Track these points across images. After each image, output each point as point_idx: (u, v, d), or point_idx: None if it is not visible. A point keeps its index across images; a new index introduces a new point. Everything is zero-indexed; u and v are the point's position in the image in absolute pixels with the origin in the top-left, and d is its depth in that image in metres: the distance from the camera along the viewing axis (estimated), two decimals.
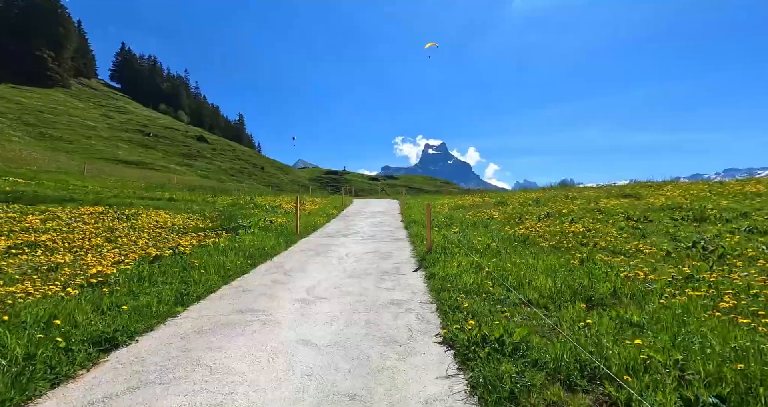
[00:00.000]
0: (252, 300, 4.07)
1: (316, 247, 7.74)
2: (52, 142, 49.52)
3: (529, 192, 17.06)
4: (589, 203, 11.31)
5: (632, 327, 3.12)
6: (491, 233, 8.23)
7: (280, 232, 8.64)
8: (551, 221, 9.27)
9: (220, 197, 18.86)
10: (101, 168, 37.74)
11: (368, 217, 13.90)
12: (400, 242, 8.43)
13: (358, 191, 67.31)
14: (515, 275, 4.73)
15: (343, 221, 12.58)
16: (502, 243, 7.07)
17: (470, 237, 7.68)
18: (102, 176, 29.22)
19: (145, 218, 9.58)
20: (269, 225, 9.31)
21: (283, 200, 18.98)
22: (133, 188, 19.16)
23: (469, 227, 9.12)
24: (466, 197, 17.83)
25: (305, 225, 10.37)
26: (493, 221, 9.88)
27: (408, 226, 10.73)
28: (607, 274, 4.75)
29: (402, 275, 5.36)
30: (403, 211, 14.88)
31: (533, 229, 8.34)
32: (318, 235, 9.46)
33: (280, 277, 5.17)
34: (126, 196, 15.68)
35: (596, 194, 12.94)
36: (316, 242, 8.29)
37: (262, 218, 10.18)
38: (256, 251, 6.22)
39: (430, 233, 6.45)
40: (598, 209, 9.98)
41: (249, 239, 6.90)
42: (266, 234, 8.00)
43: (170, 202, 15.77)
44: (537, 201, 13.10)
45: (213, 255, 5.47)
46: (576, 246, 6.83)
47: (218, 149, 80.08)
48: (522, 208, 11.97)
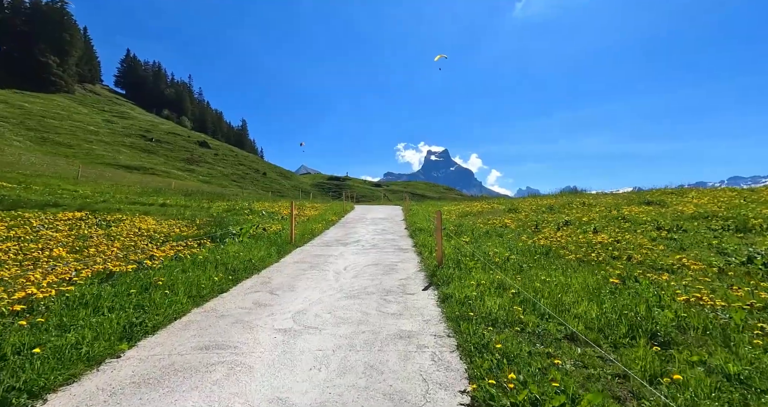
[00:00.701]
0: (223, 331, 3.24)
1: (311, 258, 6.91)
2: (53, 146, 49.28)
3: (540, 198, 16.20)
4: (609, 210, 10.44)
5: (731, 383, 2.27)
6: (507, 243, 7.38)
7: (273, 241, 7.82)
8: (571, 230, 8.41)
9: (216, 203, 18.13)
10: (101, 173, 37.26)
11: (370, 224, 13.08)
12: (405, 252, 7.59)
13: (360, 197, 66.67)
14: (549, 298, 3.88)
15: (342, 229, 11.77)
16: (522, 256, 6.21)
17: (485, 248, 6.83)
18: (99, 180, 28.64)
19: (128, 224, 8.81)
20: (261, 233, 8.50)
21: (282, 206, 18.21)
22: (126, 193, 18.47)
23: (482, 237, 8.27)
24: (473, 204, 16.98)
25: (302, 233, 9.56)
26: (507, 230, 9.03)
27: (413, 234, 9.90)
28: (661, 298, 3.89)
29: (409, 295, 4.51)
30: (407, 218, 14.06)
31: (553, 239, 7.48)
32: (315, 244, 8.64)
33: (265, 297, 4.34)
34: (117, 201, 14.96)
35: (615, 201, 12.07)
36: (311, 253, 7.46)
37: (256, 225, 9.38)
38: (240, 264, 5.40)
39: (441, 243, 5.60)
40: (622, 217, 9.11)
41: (235, 250, 6.08)
42: (256, 243, 7.19)
43: (162, 207, 15.04)
44: (551, 208, 12.24)
45: (188, 270, 4.64)
46: (607, 260, 5.97)
47: (220, 155, 79.91)
48: (536, 215, 11.12)
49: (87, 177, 29.45)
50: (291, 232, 8.34)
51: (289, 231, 8.38)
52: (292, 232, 8.34)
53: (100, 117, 72.83)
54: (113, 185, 22.15)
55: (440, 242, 5.56)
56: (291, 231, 8.35)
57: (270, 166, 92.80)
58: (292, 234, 8.34)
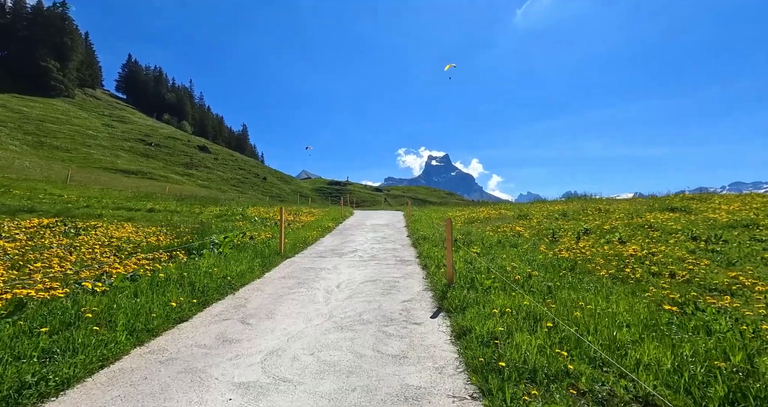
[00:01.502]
0: (160, 388, 2.35)
1: (300, 273, 6.02)
2: (50, 151, 48.71)
3: (549, 204, 15.31)
4: (630, 217, 9.55)
5: None
6: (524, 255, 6.48)
7: (259, 251, 6.95)
8: (593, 239, 7.52)
9: (209, 208, 17.29)
10: (96, 177, 36.56)
11: (369, 231, 12.20)
12: (408, 265, 6.71)
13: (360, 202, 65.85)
14: (597, 334, 2.99)
15: (339, 237, 10.89)
16: (545, 272, 5.32)
17: (500, 261, 5.93)
18: (91, 184, 27.87)
19: (101, 232, 7.96)
20: (247, 243, 7.63)
21: (277, 212, 17.36)
22: (115, 198, 17.66)
23: (494, 247, 7.38)
24: (479, 209, 16.09)
25: (293, 242, 8.69)
26: (521, 239, 8.13)
27: (416, 243, 9.01)
28: (742, 335, 3.00)
29: (415, 325, 3.62)
30: (409, 225, 13.17)
31: (576, 251, 6.59)
32: (307, 255, 7.76)
33: (234, 329, 3.46)
34: (101, 206, 14.14)
35: (634, 207, 11.18)
36: (301, 265, 6.58)
37: (242, 234, 8.51)
38: (212, 283, 4.52)
39: (452, 258, 4.70)
40: (648, 225, 8.22)
41: (209, 264, 5.20)
42: (239, 255, 6.31)
43: (149, 213, 14.20)
44: (564, 214, 11.35)
45: (142, 293, 3.77)
46: (646, 277, 5.07)
47: (220, 159, 79.41)
48: (549, 222, 10.23)
49: (79, 181, 28.71)
50: (280, 241, 7.46)
51: (279, 240, 7.50)
52: (281, 241, 7.46)
53: (99, 121, 72.48)
54: (103, 190, 21.35)
55: (450, 257, 4.67)
56: (281, 240, 7.47)
57: (270, 170, 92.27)
58: (282, 244, 7.46)
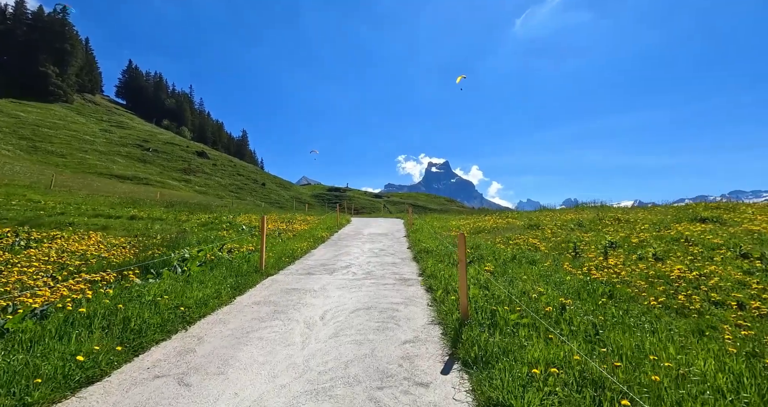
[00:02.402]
0: None
1: (279, 296, 4.99)
2: (44, 156, 47.91)
3: (560, 212, 14.32)
4: (657, 228, 8.54)
5: None
6: (548, 275, 5.46)
7: (235, 269, 5.93)
8: (624, 255, 6.51)
9: (197, 215, 16.29)
10: (88, 182, 35.64)
11: (366, 241, 11.18)
12: (410, 285, 5.68)
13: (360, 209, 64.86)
14: None
15: (333, 248, 9.86)
16: (578, 299, 4.30)
17: (521, 284, 4.91)
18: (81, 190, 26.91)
19: (58, 244, 6.95)
20: (223, 257, 6.60)
21: (270, 218, 16.35)
22: (98, 204, 16.67)
23: (509, 264, 6.35)
24: (484, 218, 15.07)
25: (279, 255, 7.66)
26: (537, 254, 7.11)
27: (418, 257, 7.99)
28: None
29: (422, 387, 2.58)
30: (410, 234, 12.15)
31: (609, 270, 5.57)
32: (293, 271, 6.73)
33: (162, 396, 2.43)
34: (78, 213, 13.15)
35: (657, 217, 10.17)
36: (283, 286, 5.55)
37: (220, 246, 7.50)
38: (156, 318, 3.49)
39: (466, 285, 3.67)
40: (683, 238, 7.20)
41: (160, 290, 4.16)
42: (207, 274, 5.29)
43: (130, 220, 13.20)
44: (580, 224, 10.34)
45: (42, 339, 2.75)
46: (707, 307, 4.05)
47: (219, 165, 78.70)
48: (566, 234, 9.22)
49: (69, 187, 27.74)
50: (261, 256, 6.43)
51: (260, 254, 6.47)
52: (262, 256, 6.43)
53: (97, 127, 71.90)
54: (89, 196, 20.37)
55: (465, 284, 3.63)
56: (261, 255, 6.44)
57: (269, 176, 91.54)
58: (263, 259, 6.42)
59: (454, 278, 5.38)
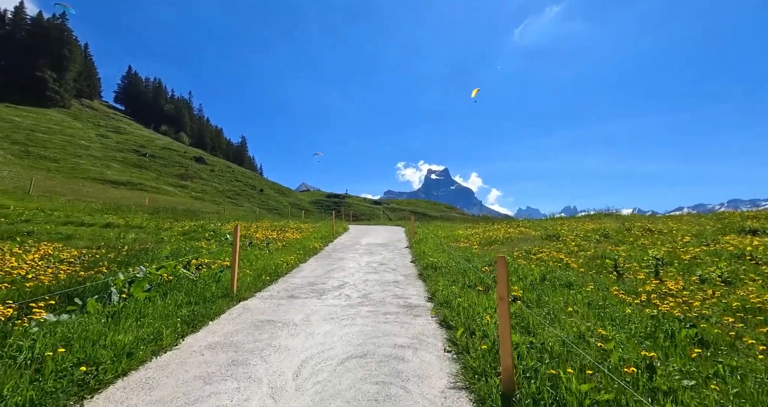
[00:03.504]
0: None
1: (245, 335, 3.76)
2: (36, 160, 46.76)
3: (576, 220, 13.11)
4: (703, 241, 7.33)
5: None
6: (595, 305, 4.23)
7: (198, 292, 4.70)
8: (676, 274, 5.30)
9: (181, 222, 15.06)
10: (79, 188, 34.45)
11: (364, 254, 9.94)
12: (418, 316, 4.44)
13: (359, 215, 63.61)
14: None
15: (325, 262, 8.62)
16: (655, 345, 3.08)
17: (566, 319, 3.68)
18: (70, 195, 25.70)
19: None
20: (187, 276, 5.36)
21: (260, 227, 15.12)
22: (77, 210, 15.45)
23: (541, 287, 5.11)
24: (494, 227, 13.84)
25: (259, 272, 6.42)
26: (570, 273, 5.88)
27: (425, 274, 6.75)
28: None
29: None
30: (413, 245, 10.91)
31: (673, 297, 4.36)
32: (272, 293, 5.49)
33: None
34: (46, 220, 11.92)
35: (694, 228, 8.97)
36: (255, 317, 4.31)
37: (188, 261, 6.26)
38: (27, 391, 2.26)
39: (509, 338, 2.43)
40: (747, 255, 5.98)
41: (64, 335, 2.93)
42: (155, 304, 4.06)
43: (104, 228, 11.96)
44: (605, 236, 9.13)
45: None
46: None
47: (216, 171, 77.68)
48: (593, 246, 8.01)
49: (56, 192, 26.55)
50: (233, 275, 5.18)
51: (232, 273, 5.22)
52: (233, 275, 5.18)
53: (94, 132, 71.04)
54: (70, 201, 19.15)
55: (507, 335, 2.40)
56: (233, 274, 5.19)
57: (268, 183, 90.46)
58: (234, 279, 5.18)
59: (475, 308, 4.15)
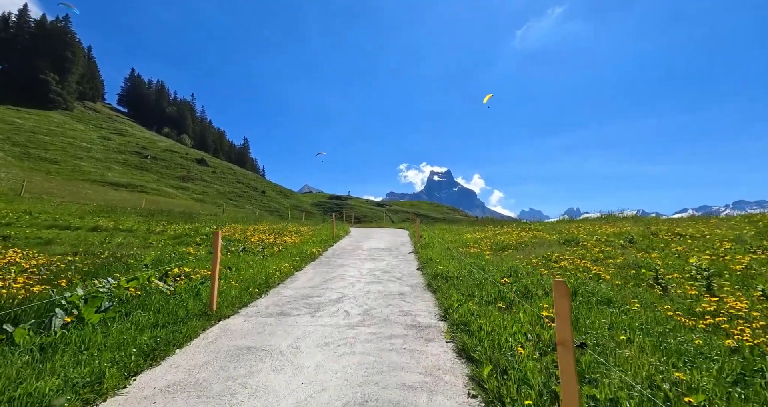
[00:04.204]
0: None
1: (216, 370, 3.01)
2: (36, 162, 46.50)
3: (592, 223, 12.28)
4: (747, 248, 6.52)
5: None
6: (650, 331, 3.45)
7: (170, 309, 3.98)
8: (732, 288, 4.51)
9: (175, 225, 14.39)
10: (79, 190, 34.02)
11: (366, 260, 9.18)
12: (430, 341, 3.68)
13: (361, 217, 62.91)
14: None
15: (323, 270, 7.87)
16: (754, 397, 2.31)
17: (623, 353, 2.92)
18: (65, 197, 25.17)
19: None
20: (159, 291, 4.63)
21: (258, 229, 14.41)
22: (65, 213, 14.84)
23: (572, 304, 4.35)
24: (503, 230, 13.05)
25: (247, 283, 5.68)
26: (604, 286, 5.09)
27: (434, 285, 5.98)
28: None
29: None
30: (419, 250, 10.14)
31: (742, 320, 3.58)
32: (259, 309, 4.75)
33: None
34: (30, 223, 11.28)
35: (728, 232, 8.15)
36: (233, 344, 3.57)
37: (166, 272, 5.54)
38: None
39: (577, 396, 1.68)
40: None
41: None
42: (110, 329, 3.35)
43: (89, 232, 11.30)
44: (630, 240, 8.32)
45: None
46: None
47: (218, 173, 77.36)
48: (619, 253, 7.21)
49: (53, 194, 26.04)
50: (212, 289, 4.44)
51: (212, 287, 4.48)
52: (213, 290, 4.44)
53: (96, 134, 70.92)
54: (62, 203, 18.54)
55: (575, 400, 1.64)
56: (212, 288, 4.45)
57: (270, 184, 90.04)
58: (214, 294, 4.44)
59: (501, 334, 3.37)
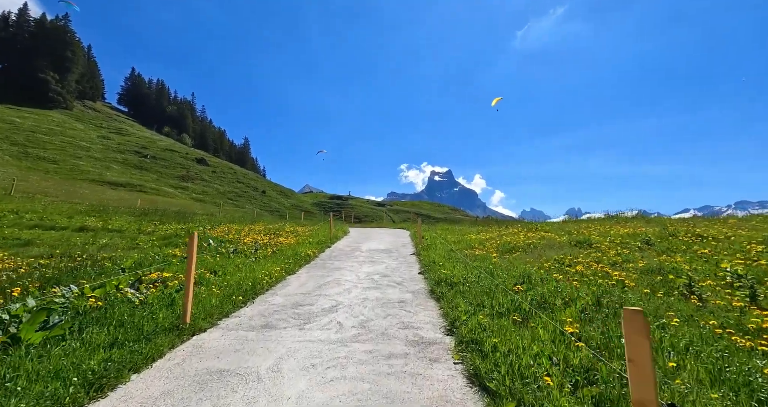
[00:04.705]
0: None
1: (176, 403, 2.47)
2: (33, 161, 46.13)
3: (606, 224, 11.69)
4: None
5: None
6: (693, 348, 2.90)
7: (135, 322, 3.44)
8: None
9: (167, 225, 13.88)
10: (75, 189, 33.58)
11: (364, 262, 8.64)
12: (435, 361, 3.13)
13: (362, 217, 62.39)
14: None
15: (318, 273, 7.32)
16: None
17: (671, 384, 2.37)
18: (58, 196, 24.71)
19: None
20: (128, 299, 4.09)
21: (253, 230, 13.88)
22: (55, 212, 14.35)
23: (598, 315, 3.78)
24: (510, 231, 12.47)
25: (231, 290, 5.13)
26: (634, 295, 4.52)
27: (438, 292, 5.43)
28: None
29: None
30: (421, 252, 9.58)
31: None
32: (241, 321, 4.20)
33: None
34: (12, 223, 10.78)
35: (755, 234, 7.56)
36: (202, 366, 3.02)
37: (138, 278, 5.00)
38: None
39: None
40: None
41: None
42: (52, 351, 2.81)
43: (75, 232, 10.78)
44: (648, 242, 7.75)
45: None
46: None
47: (218, 172, 76.96)
48: (639, 256, 6.64)
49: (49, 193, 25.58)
50: (186, 299, 3.90)
51: (185, 296, 3.94)
52: (187, 300, 3.89)
53: (95, 133, 70.56)
54: (53, 203, 18.05)
55: None
56: (186, 298, 3.91)
57: (270, 184, 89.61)
58: (188, 304, 3.89)
59: (521, 357, 2.82)
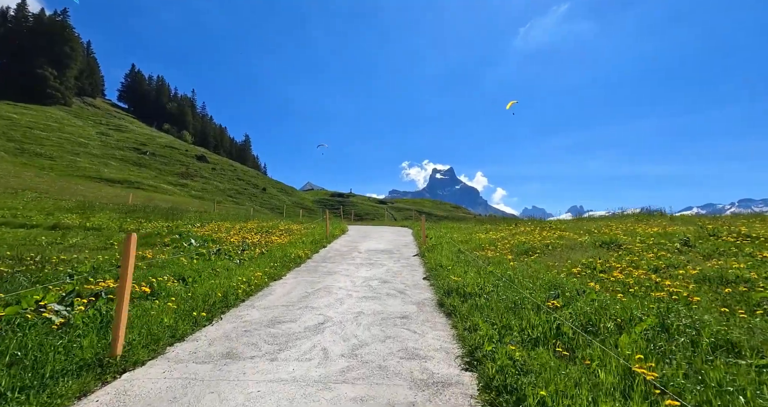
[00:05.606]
0: None
1: None
2: (30, 158, 45.43)
3: (625, 222, 10.66)
4: None
5: None
6: None
7: (37, 359, 2.51)
8: None
9: (153, 222, 12.98)
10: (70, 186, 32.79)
11: (362, 264, 7.67)
12: None
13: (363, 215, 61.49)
14: None
15: (307, 278, 6.35)
16: None
17: None
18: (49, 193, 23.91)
19: None
20: (42, 321, 3.15)
21: (245, 228, 12.94)
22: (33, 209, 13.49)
23: (664, 345, 2.80)
24: (522, 230, 11.45)
25: (195, 303, 4.18)
26: (707, 316, 3.54)
27: (447, 304, 4.46)
28: None
29: None
30: (425, 254, 8.60)
31: None
32: (195, 349, 3.26)
33: None
34: None
35: None
36: None
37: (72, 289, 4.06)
38: None
39: None
40: None
41: None
42: None
43: (47, 230, 9.88)
44: (686, 243, 6.74)
45: None
46: None
47: (218, 169, 76.19)
48: (683, 260, 5.64)
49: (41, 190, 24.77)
50: (117, 324, 2.93)
51: (117, 317, 2.98)
52: (120, 323, 2.93)
53: (94, 130, 69.86)
54: (36, 200, 17.22)
55: None
56: (117, 322, 2.94)
57: (271, 181, 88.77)
58: (121, 329, 2.93)
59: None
